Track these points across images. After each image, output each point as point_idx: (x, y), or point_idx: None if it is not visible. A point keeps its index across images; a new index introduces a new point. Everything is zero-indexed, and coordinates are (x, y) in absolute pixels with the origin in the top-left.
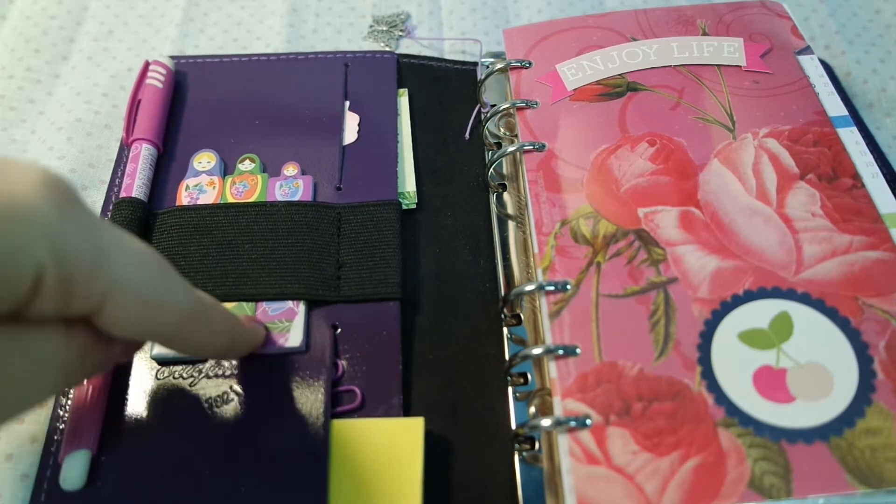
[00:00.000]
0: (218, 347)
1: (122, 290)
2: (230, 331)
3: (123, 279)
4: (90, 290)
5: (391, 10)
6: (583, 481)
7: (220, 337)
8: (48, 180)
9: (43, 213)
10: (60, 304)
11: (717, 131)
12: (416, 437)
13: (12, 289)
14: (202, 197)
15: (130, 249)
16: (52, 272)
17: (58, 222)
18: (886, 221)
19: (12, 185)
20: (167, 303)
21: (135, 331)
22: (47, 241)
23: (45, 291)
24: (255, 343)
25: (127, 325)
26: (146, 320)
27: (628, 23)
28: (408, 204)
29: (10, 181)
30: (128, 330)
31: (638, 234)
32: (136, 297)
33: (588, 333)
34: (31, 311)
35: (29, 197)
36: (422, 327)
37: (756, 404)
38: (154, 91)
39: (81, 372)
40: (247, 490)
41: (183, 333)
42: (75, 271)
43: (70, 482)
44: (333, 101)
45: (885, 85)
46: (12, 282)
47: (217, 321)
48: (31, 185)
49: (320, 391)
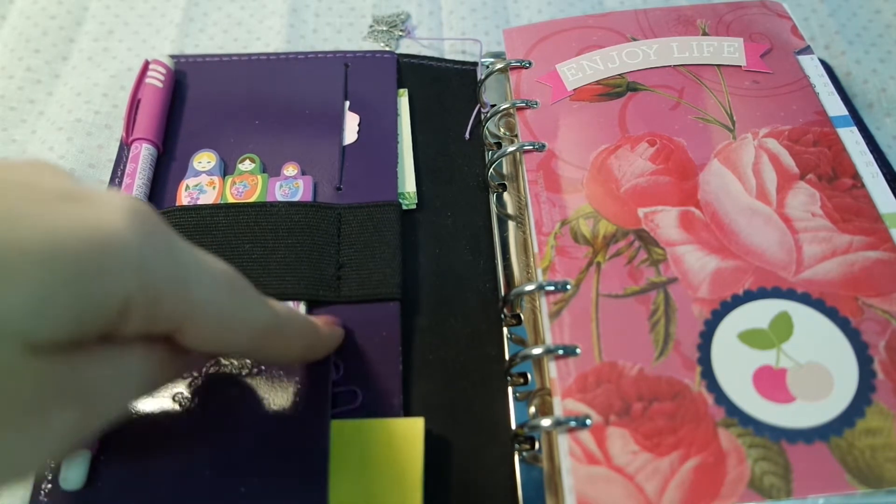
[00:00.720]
0: (293, 356)
1: (202, 312)
2: (306, 339)
3: (203, 301)
4: (173, 314)
5: (391, 10)
6: (583, 481)
7: (296, 346)
8: (136, 209)
9: (131, 244)
10: (145, 327)
11: (717, 131)
12: (416, 437)
13: (103, 317)
14: (202, 197)
15: (210, 271)
16: (138, 300)
17: (144, 251)
18: (886, 221)
19: (100, 215)
20: (244, 320)
21: (211, 347)
22: (135, 270)
23: (131, 317)
24: (332, 346)
25: (205, 342)
26: (223, 337)
27: (628, 23)
28: (408, 204)
29: (98, 211)
30: (205, 346)
31: (638, 234)
32: (214, 317)
33: (588, 333)
34: (118, 334)
35: (116, 227)
36: (422, 327)
37: (756, 404)
38: (154, 91)
39: (160, 381)
40: (247, 490)
41: (258, 346)
42: (160, 297)
43: (70, 482)
44: (333, 101)
45: (885, 85)
46: (103, 310)
47: (292, 333)
48: (118, 214)
49: (321, 391)
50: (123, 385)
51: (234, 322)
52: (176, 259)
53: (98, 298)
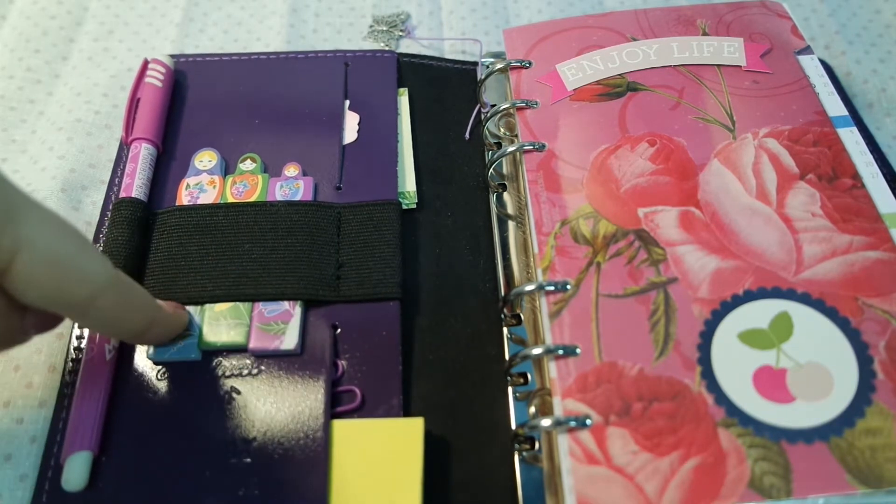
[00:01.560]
0: (134, 327)
1: (32, 247)
2: (147, 311)
3: (33, 237)
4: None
5: (391, 10)
6: (583, 481)
7: (136, 316)
8: None
9: None
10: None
11: (717, 131)
12: (416, 437)
13: None
14: (202, 196)
15: (43, 213)
16: None
17: None
18: (886, 221)
19: None
20: (79, 269)
21: (45, 294)
22: None
23: None
24: (176, 328)
25: (36, 286)
26: (56, 284)
27: (628, 23)
28: (408, 204)
29: None
30: (38, 292)
31: (638, 234)
32: (45, 257)
33: (588, 333)
34: None
35: None
36: (422, 327)
37: (756, 404)
38: (153, 90)
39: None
40: (247, 490)
41: (97, 306)
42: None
43: (72, 483)
44: (333, 100)
45: (885, 85)
46: None
47: (133, 298)
48: None
49: (320, 391)
50: None
51: (69, 269)
52: (3, 190)
53: None
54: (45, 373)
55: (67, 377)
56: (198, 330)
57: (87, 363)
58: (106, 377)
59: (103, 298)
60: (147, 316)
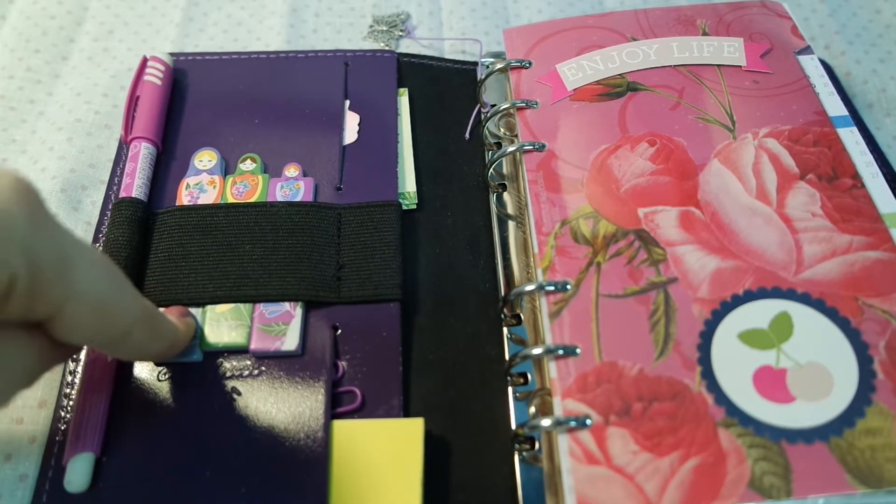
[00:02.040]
0: (155, 353)
1: (81, 297)
2: (170, 336)
3: (82, 286)
4: (53, 296)
5: (391, 10)
6: (583, 481)
7: (161, 342)
8: (20, 187)
9: (17, 221)
10: (26, 309)
11: (717, 131)
12: (416, 437)
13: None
14: (202, 196)
15: (90, 255)
16: (23, 279)
17: (30, 229)
18: (886, 221)
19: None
20: (119, 310)
21: (85, 335)
22: (22, 248)
23: (14, 297)
24: (187, 341)
25: (79, 329)
26: (99, 326)
27: (628, 23)
28: (408, 204)
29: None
30: (80, 334)
31: (638, 234)
32: (94, 304)
33: (588, 333)
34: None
35: (5, 204)
36: (422, 328)
37: (756, 404)
38: (153, 88)
39: (38, 371)
40: (248, 490)
41: (127, 340)
42: (43, 277)
43: (74, 484)
44: (333, 100)
45: (885, 85)
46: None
47: (159, 329)
48: (6, 191)
49: (321, 392)
50: (4, 373)
51: (111, 310)
52: (59, 241)
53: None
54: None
55: (68, 377)
56: (199, 331)
57: (88, 364)
58: (107, 378)
59: (136, 332)
60: (170, 340)
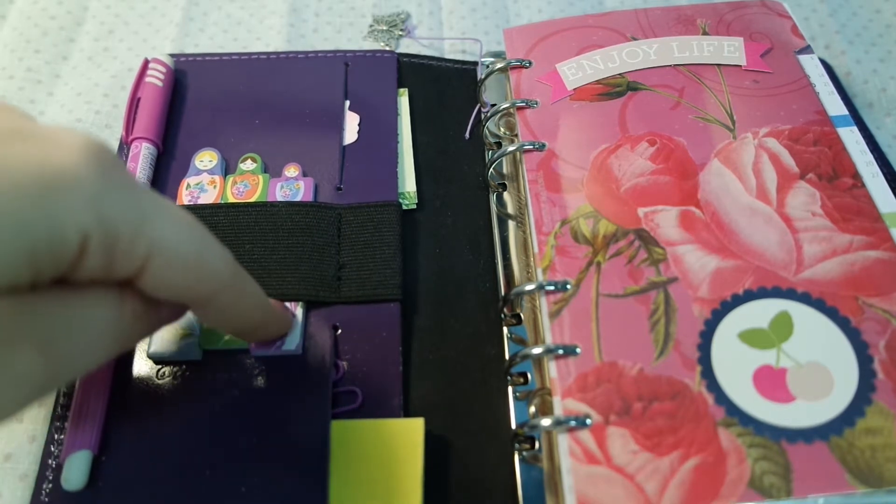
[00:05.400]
0: (251, 322)
1: (164, 251)
2: (263, 307)
3: (164, 240)
4: (133, 252)
5: (391, 10)
6: (583, 481)
7: (254, 312)
8: (91, 146)
9: (87, 180)
10: (106, 267)
11: (717, 131)
12: (416, 437)
13: (60, 254)
14: (203, 196)
15: (171, 213)
16: (96, 236)
17: (101, 187)
18: (886, 221)
19: (58, 151)
20: (207, 265)
21: (177, 292)
22: (91, 206)
23: (90, 255)
24: (284, 327)
25: (170, 285)
26: (187, 281)
27: (628, 22)
28: (408, 204)
29: (56, 148)
30: (171, 291)
31: (638, 233)
32: (177, 258)
33: (588, 333)
34: (79, 275)
35: (73, 163)
36: (422, 328)
37: (756, 404)
38: (153, 89)
39: (134, 335)
40: (248, 490)
41: (221, 299)
42: (119, 234)
43: (72, 482)
44: (333, 100)
45: (885, 85)
46: (60, 247)
47: (252, 294)
48: (75, 151)
49: (321, 392)
50: (89, 332)
51: (198, 265)
52: (135, 197)
53: (51, 235)
54: None
55: None
56: (199, 330)
57: None
58: (106, 376)
59: (226, 291)
60: (262, 311)
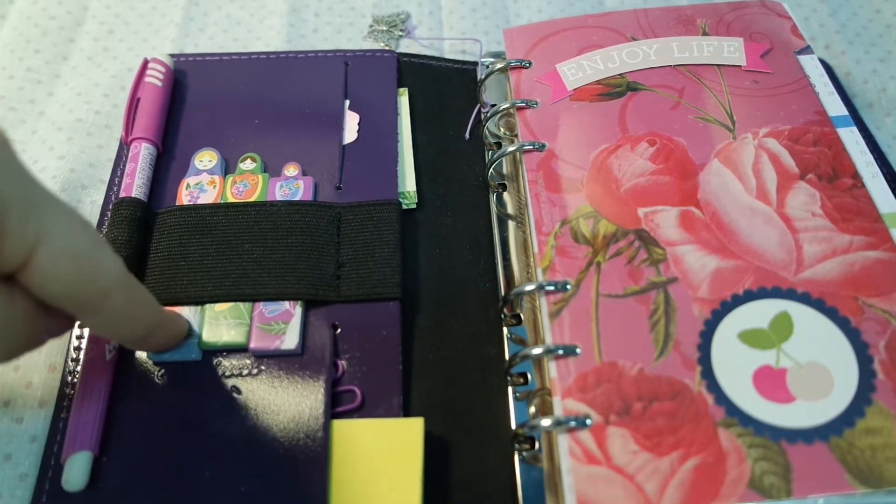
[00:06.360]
0: (141, 327)
1: (53, 240)
2: (152, 312)
3: (53, 230)
4: (22, 234)
5: (391, 10)
6: (583, 481)
7: (144, 316)
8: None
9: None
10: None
11: (717, 131)
12: (416, 437)
13: None
14: (202, 196)
15: (62, 208)
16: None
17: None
18: (886, 221)
19: None
20: (96, 264)
21: (63, 289)
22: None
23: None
24: (177, 333)
25: (55, 280)
26: (74, 278)
27: (628, 23)
28: (408, 204)
29: None
30: (56, 287)
31: (638, 233)
32: (65, 251)
33: (588, 333)
34: None
35: None
36: (422, 327)
37: (756, 404)
38: (153, 89)
39: (23, 338)
40: (247, 490)
41: (110, 304)
42: (7, 210)
43: (72, 483)
44: (333, 100)
45: (885, 85)
46: None
47: (141, 299)
48: None
49: (320, 391)
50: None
51: (86, 263)
52: (24, 183)
53: None
54: (45, 372)
55: (67, 377)
56: (198, 330)
57: (88, 363)
58: (106, 377)
59: (115, 295)
60: (153, 317)
